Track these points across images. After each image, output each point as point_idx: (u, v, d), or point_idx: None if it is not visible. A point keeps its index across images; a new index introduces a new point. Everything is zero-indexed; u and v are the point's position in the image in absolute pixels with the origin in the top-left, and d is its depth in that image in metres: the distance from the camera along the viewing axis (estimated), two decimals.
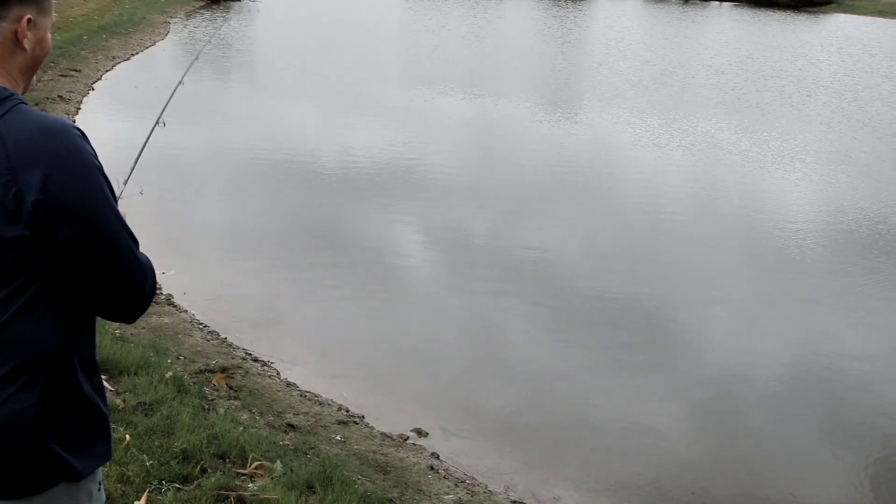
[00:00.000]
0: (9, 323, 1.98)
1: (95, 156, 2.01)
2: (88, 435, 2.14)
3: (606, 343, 8.32)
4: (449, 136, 17.08)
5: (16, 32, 2.03)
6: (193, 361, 6.53)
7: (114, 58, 22.51)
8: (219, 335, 7.39)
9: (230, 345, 7.22)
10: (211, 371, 6.40)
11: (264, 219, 11.10)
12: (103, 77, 19.88)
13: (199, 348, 6.88)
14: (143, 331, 6.95)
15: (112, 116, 16.15)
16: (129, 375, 5.77)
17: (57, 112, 15.05)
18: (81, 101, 16.70)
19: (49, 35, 2.15)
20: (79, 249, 1.97)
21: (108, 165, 2.00)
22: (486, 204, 12.38)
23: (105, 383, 5.45)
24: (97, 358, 2.19)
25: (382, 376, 7.26)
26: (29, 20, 2.04)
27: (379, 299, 8.84)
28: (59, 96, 16.50)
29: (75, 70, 19.46)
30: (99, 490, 2.22)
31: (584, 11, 57.14)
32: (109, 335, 6.34)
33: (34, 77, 2.17)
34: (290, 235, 10.53)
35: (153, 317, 7.37)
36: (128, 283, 2.07)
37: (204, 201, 11.71)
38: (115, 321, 2.21)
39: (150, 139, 3.32)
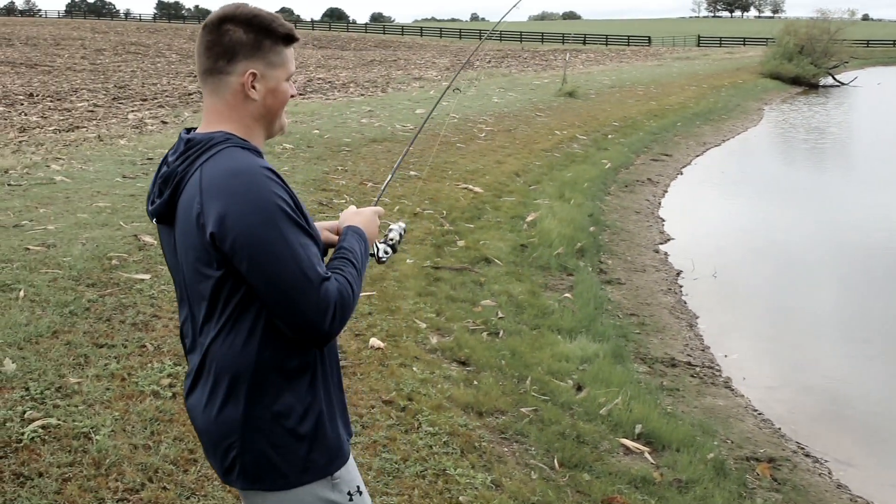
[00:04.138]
0: (214, 340, 2.23)
1: (279, 195, 2.13)
2: (299, 444, 2.27)
3: None
4: None
5: (243, 85, 2.26)
6: (740, 447, 6.36)
7: (704, 143, 23.17)
8: (772, 424, 7.10)
9: (783, 435, 6.89)
10: (756, 459, 6.18)
11: (848, 307, 10.39)
12: (692, 162, 20.52)
13: (748, 434, 6.69)
14: (694, 409, 6.95)
15: (696, 201, 16.54)
16: (671, 450, 5.82)
17: (644, 193, 15.87)
18: (669, 184, 17.38)
19: (285, 85, 2.34)
20: (251, 279, 2.13)
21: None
22: None
23: (647, 455, 5.55)
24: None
25: None
26: (254, 74, 2.26)
27: None
28: (648, 179, 17.38)
29: (666, 154, 20.40)
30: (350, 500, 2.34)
31: None
32: (658, 409, 6.46)
33: (278, 122, 2.38)
34: (875, 325, 9.67)
35: (707, 398, 7.34)
36: (298, 311, 2.13)
37: (781, 287, 11.32)
38: (304, 343, 2.25)
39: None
